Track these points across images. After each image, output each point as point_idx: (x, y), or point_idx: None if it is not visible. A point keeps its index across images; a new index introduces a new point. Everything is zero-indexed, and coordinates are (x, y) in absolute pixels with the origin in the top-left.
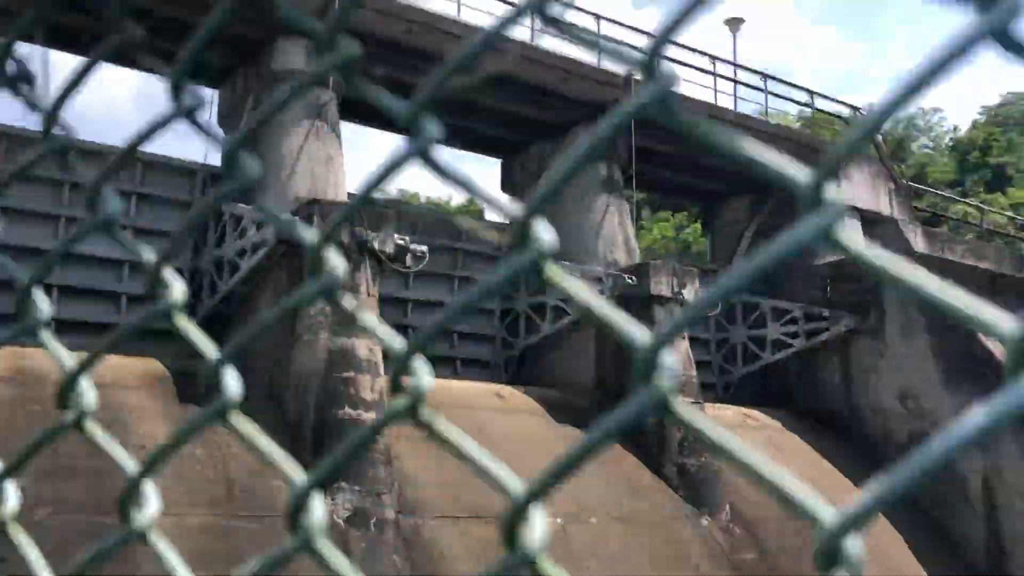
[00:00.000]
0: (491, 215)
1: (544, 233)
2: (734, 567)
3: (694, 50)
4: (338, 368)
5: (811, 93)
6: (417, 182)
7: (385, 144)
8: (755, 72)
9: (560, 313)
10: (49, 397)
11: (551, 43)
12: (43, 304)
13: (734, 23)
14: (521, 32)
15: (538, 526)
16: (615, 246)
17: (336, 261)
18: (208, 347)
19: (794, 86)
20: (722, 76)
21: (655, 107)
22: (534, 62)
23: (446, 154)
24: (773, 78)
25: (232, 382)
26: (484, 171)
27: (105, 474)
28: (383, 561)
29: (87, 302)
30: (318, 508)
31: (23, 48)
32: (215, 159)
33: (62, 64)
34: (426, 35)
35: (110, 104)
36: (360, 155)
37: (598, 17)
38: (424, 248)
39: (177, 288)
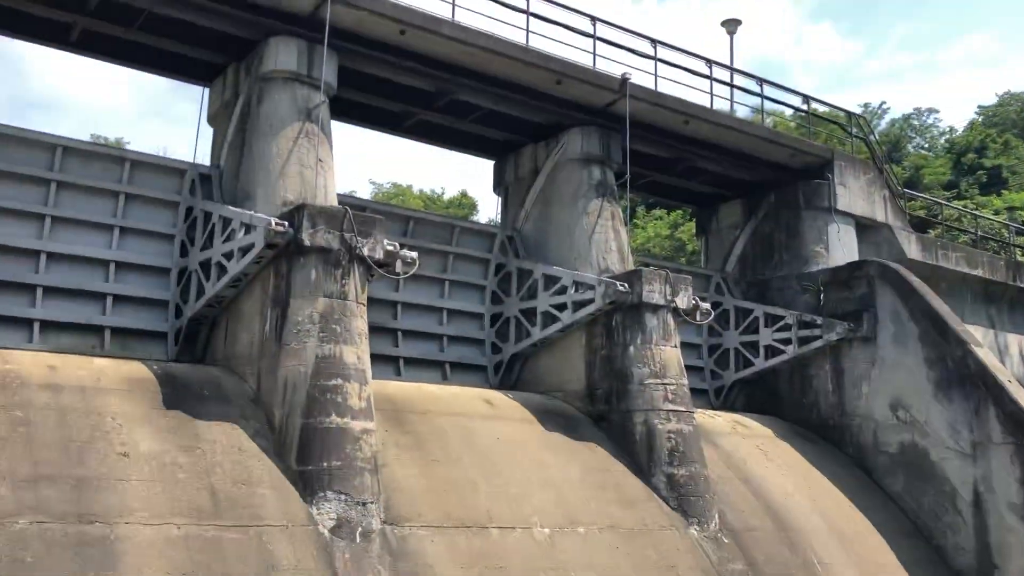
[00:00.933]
0: (484, 211)
1: None
2: None
3: (692, 54)
4: (325, 375)
5: (807, 98)
6: (410, 175)
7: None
8: (751, 76)
9: (550, 319)
10: (32, 402)
11: (545, 45)
12: None
13: (731, 24)
14: (516, 34)
15: None
16: (608, 252)
17: None
18: None
19: (789, 90)
20: (718, 80)
21: None
22: (528, 64)
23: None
24: (769, 83)
25: None
26: (477, 170)
27: (87, 482)
28: (368, 573)
29: (72, 302)
30: None
31: None
32: (204, 158)
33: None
34: (420, 36)
35: (109, 95)
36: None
37: (594, 19)
38: (414, 254)
39: None
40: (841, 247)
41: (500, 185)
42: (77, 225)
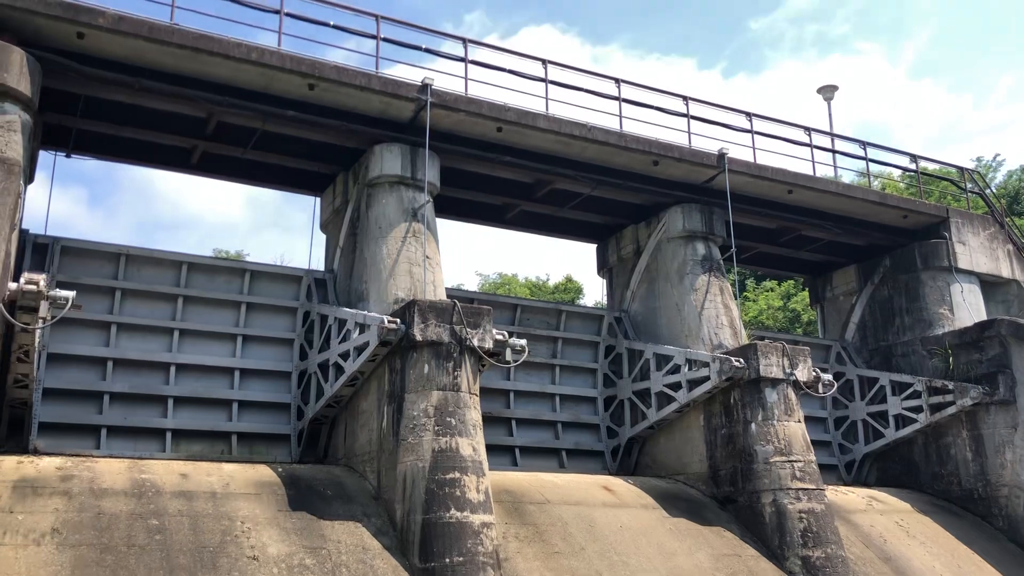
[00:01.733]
0: (591, 294)
1: None
2: None
3: (789, 123)
4: (443, 469)
5: (914, 157)
6: (516, 264)
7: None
8: (854, 140)
9: (666, 399)
10: (167, 510)
11: (640, 128)
12: None
13: (827, 90)
14: (609, 120)
15: None
16: (719, 327)
17: None
18: None
19: (895, 151)
20: (819, 147)
21: None
22: (624, 149)
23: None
24: (873, 145)
25: None
26: (580, 254)
27: None
28: None
29: (200, 410)
30: None
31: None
32: (318, 263)
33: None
34: (516, 131)
35: (229, 211)
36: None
37: (686, 99)
38: (523, 342)
39: None
40: (966, 307)
41: (604, 267)
42: (203, 336)
